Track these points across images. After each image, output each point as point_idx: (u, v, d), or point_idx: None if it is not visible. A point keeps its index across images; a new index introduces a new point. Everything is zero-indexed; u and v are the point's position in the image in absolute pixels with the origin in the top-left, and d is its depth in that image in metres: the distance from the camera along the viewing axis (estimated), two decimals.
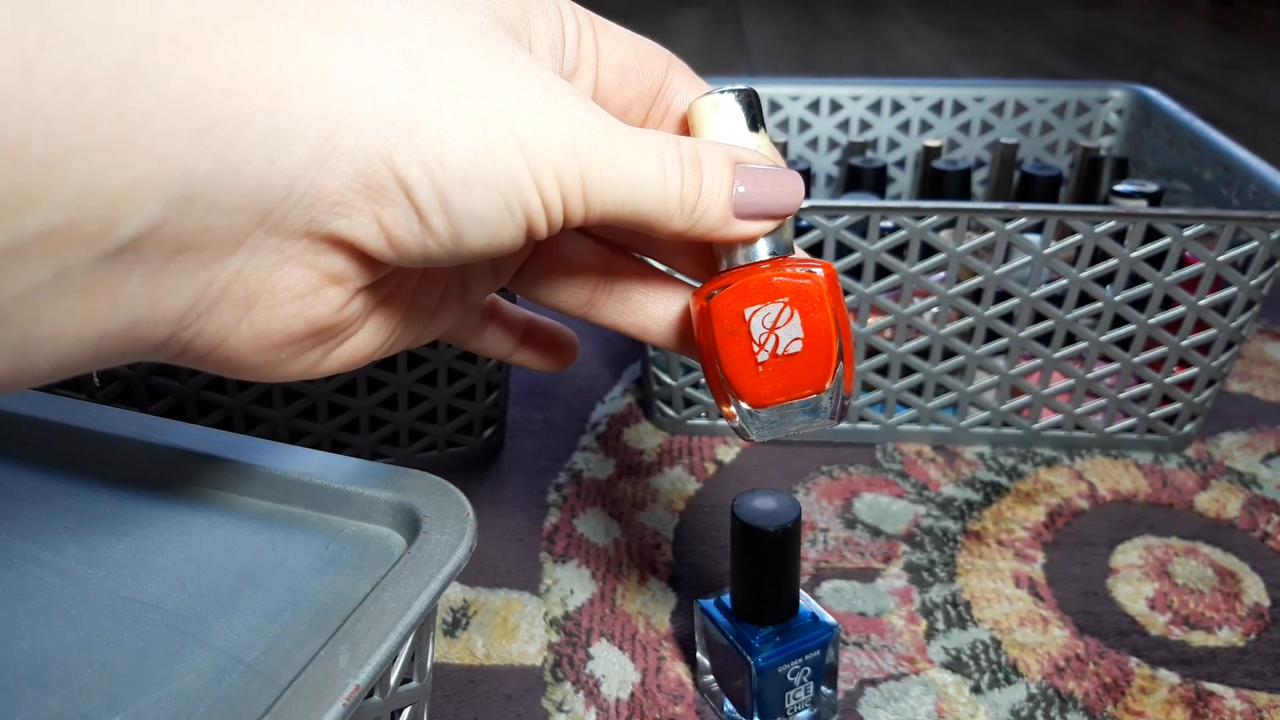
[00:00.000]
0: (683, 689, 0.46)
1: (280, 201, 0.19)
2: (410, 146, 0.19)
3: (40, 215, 0.16)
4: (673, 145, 0.23)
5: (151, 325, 0.19)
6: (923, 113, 0.79)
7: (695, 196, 0.23)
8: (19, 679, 0.28)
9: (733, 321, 0.26)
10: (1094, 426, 0.62)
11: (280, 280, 0.21)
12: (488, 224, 0.21)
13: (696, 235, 0.24)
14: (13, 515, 0.34)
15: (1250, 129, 1.27)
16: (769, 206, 0.25)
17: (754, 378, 0.26)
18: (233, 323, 0.21)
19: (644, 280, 0.29)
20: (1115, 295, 0.55)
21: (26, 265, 0.16)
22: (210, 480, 0.35)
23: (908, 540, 0.55)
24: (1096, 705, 0.45)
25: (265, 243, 0.20)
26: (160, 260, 0.18)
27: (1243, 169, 0.59)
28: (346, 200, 0.20)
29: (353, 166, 0.19)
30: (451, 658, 0.47)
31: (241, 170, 0.18)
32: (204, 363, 0.22)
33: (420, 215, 0.20)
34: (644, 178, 0.22)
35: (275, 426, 0.55)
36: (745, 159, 0.25)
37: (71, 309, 0.17)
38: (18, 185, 0.16)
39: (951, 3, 2.10)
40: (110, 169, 0.16)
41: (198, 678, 0.28)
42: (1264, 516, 0.57)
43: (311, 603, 0.30)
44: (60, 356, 0.18)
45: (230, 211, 0.18)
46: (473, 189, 0.20)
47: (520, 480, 0.60)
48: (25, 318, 0.17)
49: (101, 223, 0.17)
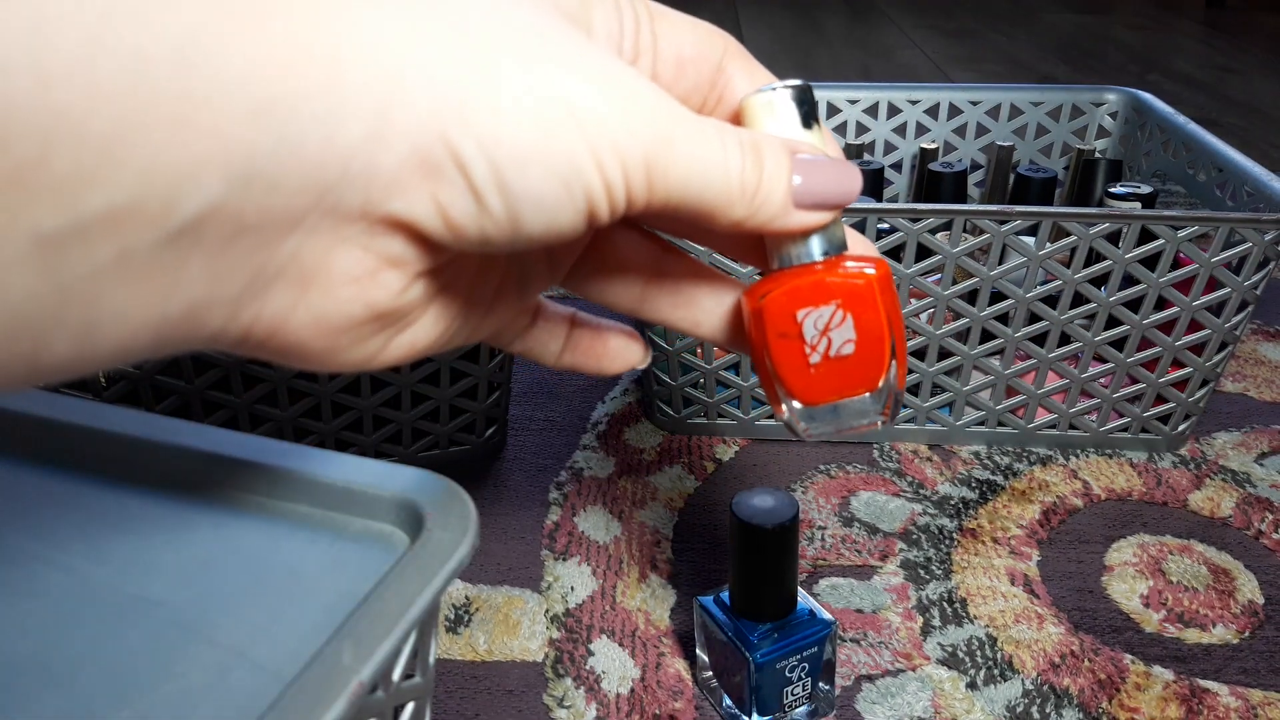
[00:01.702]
0: (682, 685, 0.46)
1: (337, 181, 0.19)
2: (465, 123, 0.19)
3: (102, 195, 0.16)
4: (732, 133, 0.23)
5: (210, 308, 0.19)
6: (919, 116, 0.79)
7: (756, 184, 0.23)
8: (24, 676, 0.28)
9: (785, 323, 0.26)
10: (1089, 426, 0.62)
11: (336, 262, 0.20)
12: (546, 206, 0.20)
13: (756, 225, 0.24)
14: (19, 514, 0.35)
15: (1243, 131, 1.28)
16: (827, 196, 0.24)
17: (806, 377, 0.26)
18: (289, 305, 0.20)
19: (695, 275, 0.29)
20: (1110, 296, 0.56)
21: (89, 246, 0.16)
22: (215, 479, 0.35)
23: (904, 538, 0.55)
24: (1091, 701, 0.45)
25: (321, 224, 0.19)
26: (219, 241, 0.18)
27: (1236, 171, 0.59)
28: (403, 179, 0.19)
29: (409, 144, 0.19)
30: (454, 654, 0.48)
31: (300, 149, 0.18)
32: (264, 349, 0.21)
33: (477, 195, 0.20)
34: (708, 163, 0.22)
35: (280, 426, 0.55)
36: (802, 150, 0.24)
37: (134, 291, 0.17)
38: (80, 164, 0.15)
39: (947, 8, 2.10)
40: (172, 148, 0.16)
41: (202, 674, 0.28)
42: (1257, 515, 0.57)
43: (315, 599, 0.31)
44: (122, 340, 0.18)
45: (289, 191, 0.18)
46: (529, 169, 0.19)
47: (522, 478, 0.60)
48: (88, 300, 0.17)
49: (163, 202, 0.16)
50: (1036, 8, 2.10)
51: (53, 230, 0.16)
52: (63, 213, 0.16)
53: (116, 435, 0.36)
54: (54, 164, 0.15)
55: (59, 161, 0.15)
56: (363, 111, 0.18)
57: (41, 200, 0.15)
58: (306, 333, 0.21)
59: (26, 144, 0.15)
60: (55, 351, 0.17)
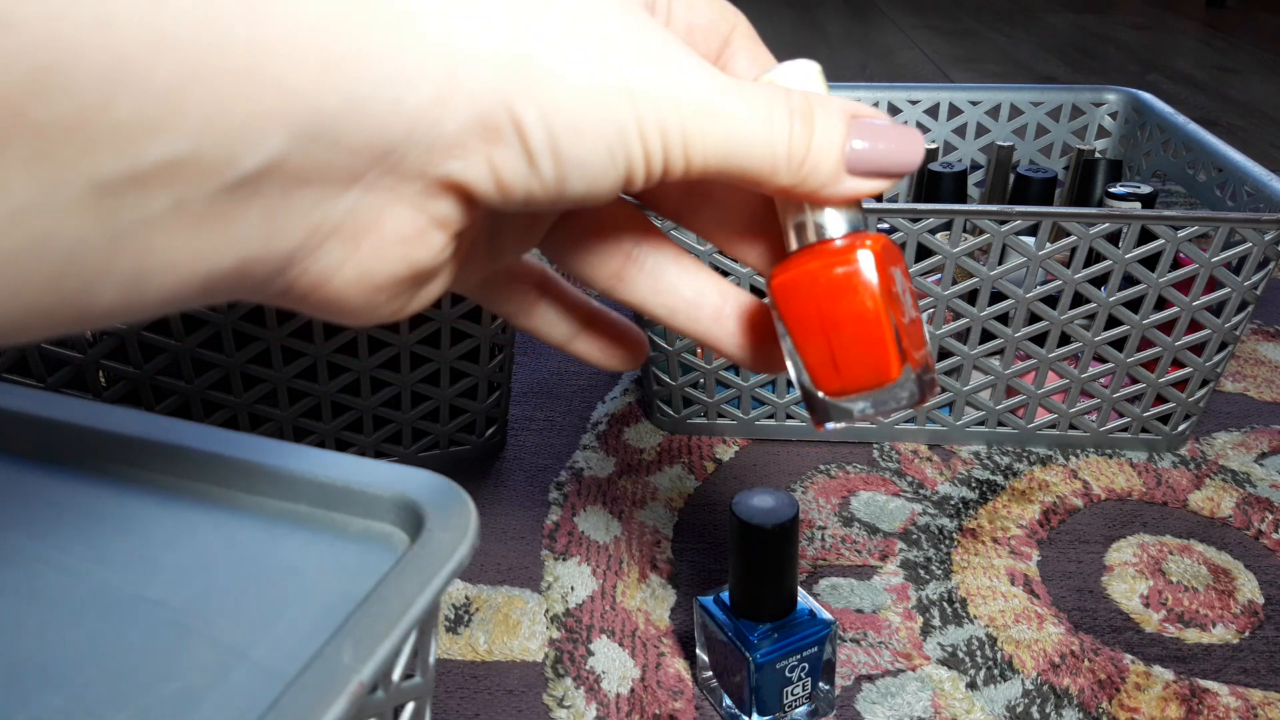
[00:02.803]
0: (682, 685, 0.46)
1: (401, 141, 0.18)
2: (528, 88, 0.19)
3: (163, 144, 0.15)
4: (782, 98, 0.22)
5: (262, 262, 0.19)
6: (919, 116, 0.79)
7: (804, 151, 0.22)
8: (24, 676, 0.28)
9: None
10: (1088, 426, 0.62)
11: (389, 221, 0.20)
12: (590, 170, 0.20)
13: (804, 192, 0.23)
14: (19, 513, 0.35)
15: (1243, 131, 1.28)
16: (886, 164, 0.23)
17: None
18: (338, 262, 0.20)
19: (677, 258, 0.28)
20: (1110, 296, 0.56)
21: (145, 194, 0.16)
22: (215, 479, 0.35)
23: (904, 538, 0.55)
24: (1091, 701, 0.45)
25: (380, 182, 0.19)
26: (278, 195, 0.18)
27: (1236, 171, 0.59)
28: (464, 142, 0.19)
29: (473, 107, 0.19)
30: (454, 654, 0.48)
31: (367, 108, 0.17)
32: (304, 303, 0.21)
33: (531, 158, 0.20)
34: (749, 132, 0.22)
35: (280, 426, 0.55)
36: (862, 112, 0.23)
37: (187, 241, 0.17)
38: (143, 113, 0.15)
39: (947, 8, 2.10)
40: (237, 99, 0.16)
41: (202, 674, 0.28)
42: (1257, 515, 0.57)
43: (315, 599, 0.31)
44: (171, 289, 0.18)
45: (351, 150, 0.18)
46: (583, 134, 0.20)
47: (522, 478, 0.60)
48: (140, 248, 0.16)
49: (225, 154, 0.16)
50: (1036, 8, 2.10)
51: (110, 177, 0.15)
52: (122, 161, 0.15)
53: (116, 435, 0.36)
54: (116, 111, 0.15)
55: (122, 109, 0.15)
56: (432, 72, 0.18)
57: (101, 147, 0.15)
58: (350, 290, 0.21)
59: (89, 89, 0.15)
60: (103, 298, 0.17)
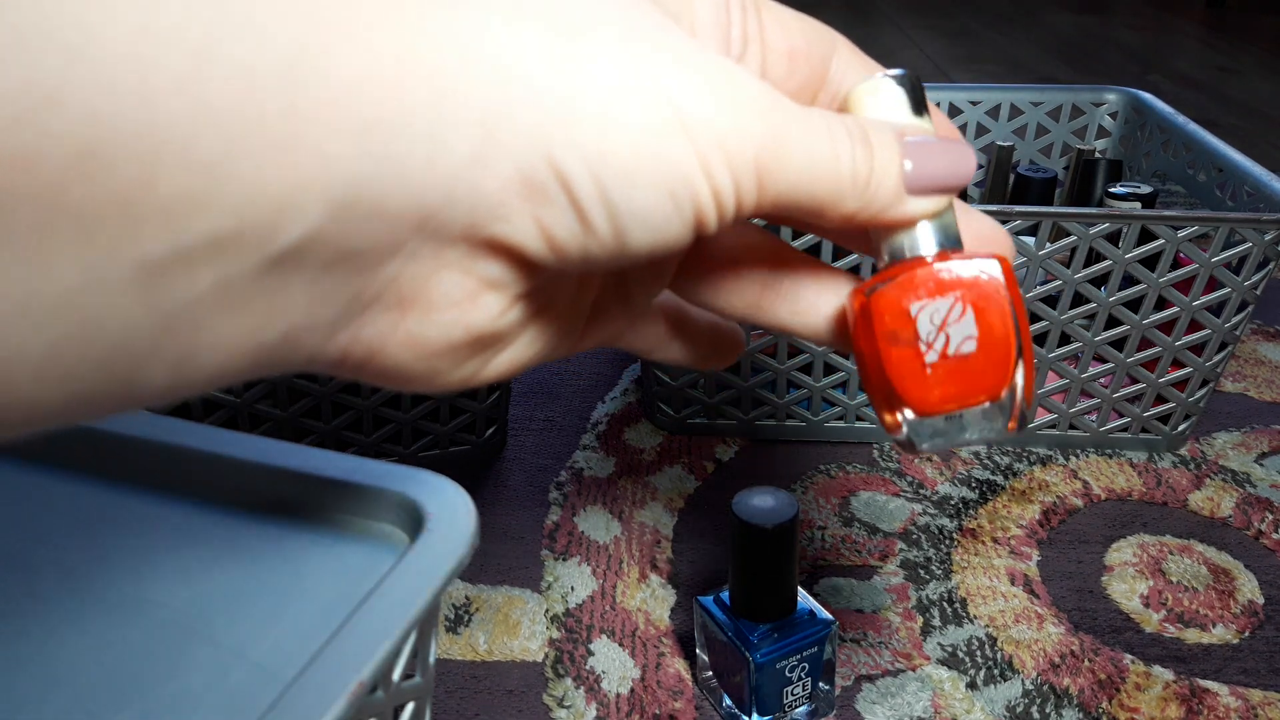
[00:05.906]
0: (682, 684, 0.46)
1: (441, 207, 0.18)
2: (570, 138, 0.18)
3: (206, 221, 0.15)
4: (839, 122, 0.21)
5: (307, 332, 0.18)
6: None
7: (867, 174, 0.22)
8: (25, 677, 0.28)
9: (896, 319, 0.23)
10: (1089, 426, 0.62)
11: (436, 286, 0.19)
12: (652, 221, 0.19)
13: (868, 217, 0.22)
14: (19, 515, 0.35)
15: (1243, 131, 1.28)
16: (940, 179, 0.23)
17: (921, 382, 0.24)
18: (388, 329, 0.20)
19: (814, 274, 0.26)
20: (1110, 296, 0.56)
21: (191, 272, 0.15)
22: (215, 478, 0.35)
23: (904, 538, 0.55)
24: (1091, 701, 0.45)
25: (423, 249, 0.18)
26: (319, 267, 0.17)
27: (1236, 171, 0.59)
28: (506, 202, 0.18)
29: (514, 165, 0.18)
30: (454, 654, 0.48)
31: (402, 172, 0.17)
32: (363, 372, 0.21)
33: (581, 214, 0.18)
34: (818, 158, 0.21)
35: (280, 426, 0.55)
36: (908, 132, 0.23)
37: (233, 319, 0.16)
38: (185, 188, 0.15)
39: (947, 8, 2.10)
40: (277, 169, 0.15)
41: (202, 675, 0.28)
42: (1257, 515, 0.57)
43: (315, 599, 0.31)
44: (219, 365, 0.17)
45: (390, 217, 0.17)
46: (637, 184, 0.18)
47: (522, 478, 0.60)
48: (187, 328, 0.16)
49: (266, 228, 0.16)
50: (1036, 8, 2.10)
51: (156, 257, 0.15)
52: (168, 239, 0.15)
53: (118, 436, 0.36)
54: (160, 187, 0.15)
55: (165, 185, 0.15)
56: (469, 131, 0.17)
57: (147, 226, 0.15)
58: (406, 356, 0.20)
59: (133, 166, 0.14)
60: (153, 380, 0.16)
